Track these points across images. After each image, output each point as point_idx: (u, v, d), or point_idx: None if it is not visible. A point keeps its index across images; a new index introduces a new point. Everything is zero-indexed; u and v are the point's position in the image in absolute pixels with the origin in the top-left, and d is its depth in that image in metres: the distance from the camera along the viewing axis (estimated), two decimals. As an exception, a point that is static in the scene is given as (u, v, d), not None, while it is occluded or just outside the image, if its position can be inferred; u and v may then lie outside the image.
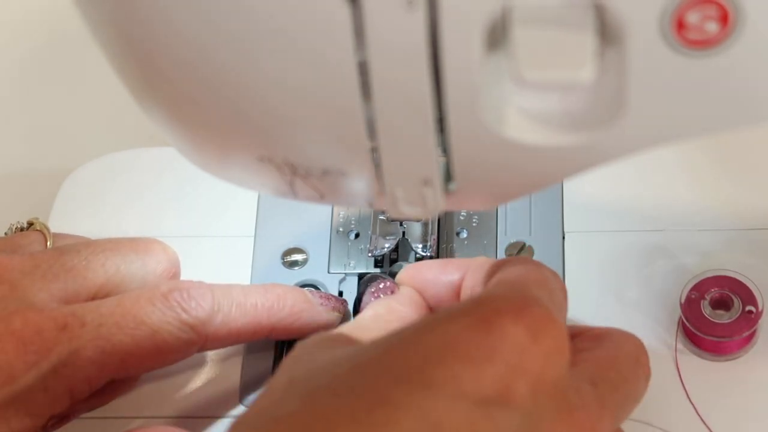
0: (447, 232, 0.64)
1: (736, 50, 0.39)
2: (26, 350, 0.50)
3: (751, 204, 0.63)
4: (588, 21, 0.39)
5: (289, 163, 0.46)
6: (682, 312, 0.58)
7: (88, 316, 0.52)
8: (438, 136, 0.43)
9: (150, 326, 0.52)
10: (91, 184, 0.69)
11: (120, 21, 0.42)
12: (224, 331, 0.55)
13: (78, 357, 0.51)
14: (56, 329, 0.50)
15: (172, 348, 0.53)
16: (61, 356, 0.50)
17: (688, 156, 0.65)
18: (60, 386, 0.51)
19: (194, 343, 0.54)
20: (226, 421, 0.60)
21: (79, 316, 0.51)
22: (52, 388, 0.50)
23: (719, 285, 0.58)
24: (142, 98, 0.47)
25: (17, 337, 0.50)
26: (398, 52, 0.40)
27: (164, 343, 0.53)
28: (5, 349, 0.49)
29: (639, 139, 0.43)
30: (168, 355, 0.54)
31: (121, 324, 0.52)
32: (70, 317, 0.51)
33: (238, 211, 0.66)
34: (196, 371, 0.61)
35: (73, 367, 0.51)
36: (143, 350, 0.52)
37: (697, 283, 0.59)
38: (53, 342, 0.50)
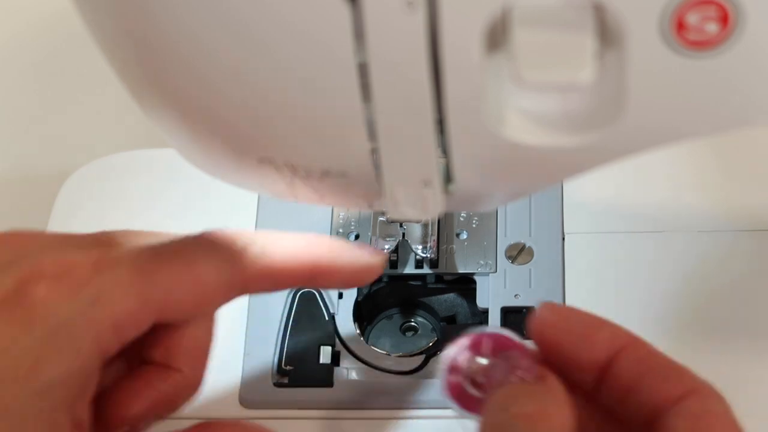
0: (447, 234, 0.64)
1: (736, 51, 0.39)
2: (60, 286, 0.46)
3: (752, 205, 0.63)
4: (588, 22, 0.39)
5: (289, 164, 0.46)
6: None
7: (122, 248, 0.49)
8: (438, 137, 0.43)
9: (185, 257, 0.49)
10: (91, 186, 0.69)
11: (121, 22, 0.42)
12: (262, 266, 0.50)
13: (117, 285, 0.47)
14: (90, 265, 0.47)
15: (211, 284, 0.49)
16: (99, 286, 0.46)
17: (689, 157, 0.65)
18: (104, 318, 0.46)
19: (233, 283, 0.50)
20: (226, 422, 0.60)
21: (113, 249, 0.48)
22: (96, 321, 0.46)
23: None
24: (142, 99, 0.47)
25: (49, 276, 0.45)
26: (398, 53, 0.40)
27: (201, 279, 0.49)
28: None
29: (639, 140, 0.43)
30: (208, 295, 0.49)
31: (157, 252, 0.49)
32: (104, 253, 0.47)
33: (238, 212, 0.66)
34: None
35: (111, 297, 0.46)
36: (182, 284, 0.48)
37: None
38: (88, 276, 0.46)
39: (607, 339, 0.45)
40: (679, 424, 0.43)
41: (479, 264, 0.63)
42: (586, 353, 0.45)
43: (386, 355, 0.61)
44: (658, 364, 0.45)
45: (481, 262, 0.63)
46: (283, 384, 0.61)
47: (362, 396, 0.60)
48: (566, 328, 0.45)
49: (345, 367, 0.61)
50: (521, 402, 0.43)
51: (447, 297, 0.64)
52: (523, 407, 0.43)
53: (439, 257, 0.63)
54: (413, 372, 0.60)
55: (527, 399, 0.44)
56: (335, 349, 0.61)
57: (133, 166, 0.69)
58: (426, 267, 0.63)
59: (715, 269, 0.61)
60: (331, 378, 0.60)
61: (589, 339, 0.45)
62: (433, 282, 0.64)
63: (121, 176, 0.69)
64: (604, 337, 0.45)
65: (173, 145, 0.49)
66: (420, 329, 0.64)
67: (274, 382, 0.61)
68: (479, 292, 0.62)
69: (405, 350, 0.62)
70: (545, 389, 0.44)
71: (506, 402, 0.43)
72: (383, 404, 0.60)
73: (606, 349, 0.45)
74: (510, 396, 0.44)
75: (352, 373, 0.61)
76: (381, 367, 0.61)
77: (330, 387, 0.60)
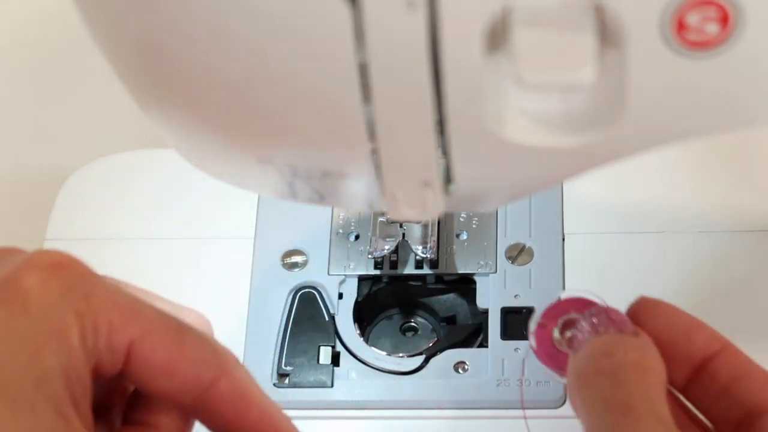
0: (447, 234, 0.64)
1: (737, 51, 0.39)
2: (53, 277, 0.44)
3: (752, 205, 0.63)
4: (588, 22, 0.39)
5: (289, 164, 0.46)
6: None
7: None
8: (438, 137, 0.43)
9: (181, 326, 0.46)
10: (90, 187, 0.68)
11: (122, 24, 0.42)
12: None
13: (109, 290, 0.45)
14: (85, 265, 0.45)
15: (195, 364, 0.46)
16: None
17: (689, 157, 0.65)
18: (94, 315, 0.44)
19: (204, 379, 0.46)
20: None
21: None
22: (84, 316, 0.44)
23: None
24: (142, 99, 0.47)
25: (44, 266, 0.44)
26: (398, 53, 0.40)
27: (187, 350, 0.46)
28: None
29: (639, 141, 0.43)
30: (185, 370, 0.46)
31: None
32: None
33: (238, 212, 0.66)
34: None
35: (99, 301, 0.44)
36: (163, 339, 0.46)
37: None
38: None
39: (706, 340, 0.47)
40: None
41: (479, 264, 0.63)
42: (685, 351, 0.46)
43: (386, 355, 0.61)
44: (756, 370, 0.46)
45: (481, 263, 0.63)
46: (283, 384, 0.61)
47: (362, 397, 0.60)
48: (667, 323, 0.47)
49: (345, 367, 0.61)
50: (627, 349, 0.44)
51: (447, 297, 0.64)
52: (629, 355, 0.44)
53: (439, 258, 0.63)
54: (413, 372, 0.60)
55: (632, 347, 0.45)
56: (335, 350, 0.61)
57: (133, 166, 0.69)
58: (426, 267, 0.63)
59: (715, 269, 0.61)
60: (331, 378, 0.60)
61: (688, 337, 0.46)
62: (433, 282, 0.64)
63: (121, 176, 0.69)
64: (704, 337, 0.47)
65: (173, 145, 0.49)
66: (420, 330, 0.64)
67: (274, 383, 0.61)
68: (479, 292, 0.62)
69: (405, 351, 0.62)
70: (646, 342, 0.45)
71: (610, 348, 0.45)
72: (383, 405, 0.60)
73: (704, 349, 0.46)
74: (612, 343, 0.45)
75: (352, 374, 0.61)
76: (381, 368, 0.61)
77: (330, 387, 0.60)
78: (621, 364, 0.44)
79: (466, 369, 0.60)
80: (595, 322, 0.46)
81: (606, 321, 0.46)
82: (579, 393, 0.45)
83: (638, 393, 0.44)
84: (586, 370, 0.45)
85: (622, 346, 0.45)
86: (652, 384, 0.44)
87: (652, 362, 0.45)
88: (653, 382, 0.44)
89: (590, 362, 0.45)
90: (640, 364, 0.44)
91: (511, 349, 0.60)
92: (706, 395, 0.47)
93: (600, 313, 0.46)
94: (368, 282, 0.64)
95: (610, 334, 0.46)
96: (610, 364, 0.44)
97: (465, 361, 0.60)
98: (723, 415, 0.47)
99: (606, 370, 0.44)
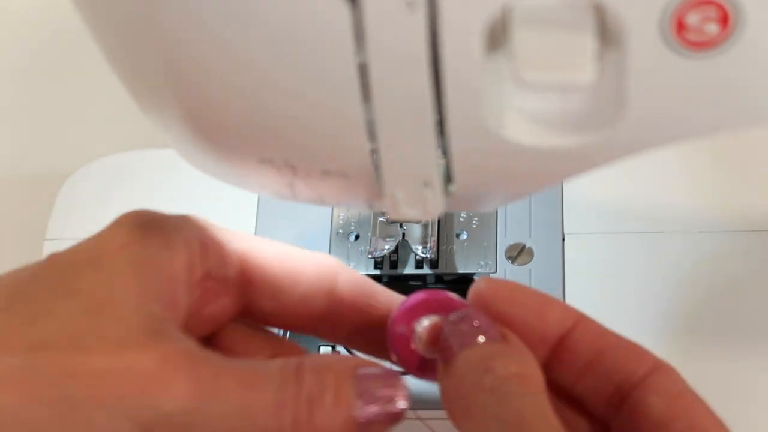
0: (447, 234, 0.64)
1: (737, 51, 0.39)
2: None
3: (752, 206, 0.63)
4: (588, 22, 0.39)
5: (289, 164, 0.46)
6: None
7: None
8: (438, 137, 0.43)
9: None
10: (90, 187, 0.69)
11: (122, 24, 0.42)
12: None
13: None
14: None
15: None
16: None
17: (689, 157, 0.65)
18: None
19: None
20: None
21: None
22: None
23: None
24: (142, 100, 0.47)
25: None
26: (398, 53, 0.40)
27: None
28: None
29: (639, 141, 0.43)
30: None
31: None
32: None
33: (238, 212, 0.66)
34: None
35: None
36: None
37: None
38: None
39: (559, 316, 0.45)
40: (656, 401, 0.43)
41: (479, 264, 0.63)
42: (539, 330, 0.45)
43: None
44: (616, 341, 0.45)
45: (481, 263, 0.63)
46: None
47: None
48: (515, 304, 0.45)
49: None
50: (505, 362, 0.43)
51: (447, 297, 0.64)
52: (509, 368, 0.42)
53: (439, 257, 0.63)
54: (413, 372, 0.60)
55: (509, 360, 0.43)
56: (335, 350, 0.61)
57: (133, 166, 0.69)
58: (426, 267, 0.63)
59: (714, 269, 0.61)
60: (331, 378, 0.60)
61: (540, 316, 0.45)
62: (433, 282, 0.64)
63: (121, 176, 0.69)
64: (556, 314, 0.45)
65: (173, 145, 0.49)
66: (420, 330, 0.64)
67: (274, 383, 0.61)
68: (479, 292, 0.62)
69: (405, 351, 0.62)
70: (519, 348, 0.44)
71: (487, 364, 0.43)
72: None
73: (558, 326, 0.45)
74: (488, 357, 0.43)
75: (352, 374, 0.61)
76: (381, 368, 0.61)
77: (330, 387, 0.60)
78: (503, 378, 0.42)
79: (466, 369, 0.60)
80: (463, 330, 0.43)
81: (473, 329, 0.43)
82: (464, 413, 0.43)
83: (527, 404, 0.42)
84: (468, 389, 0.43)
85: (500, 359, 0.42)
86: (536, 392, 0.42)
87: (531, 369, 0.43)
88: (536, 389, 0.42)
89: (469, 380, 0.43)
90: (521, 375, 0.42)
91: (511, 349, 0.60)
92: (569, 372, 0.45)
93: (464, 319, 0.44)
94: (368, 282, 0.64)
95: (481, 345, 0.43)
96: (491, 381, 0.42)
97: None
98: (591, 392, 0.45)
99: (488, 387, 0.42)
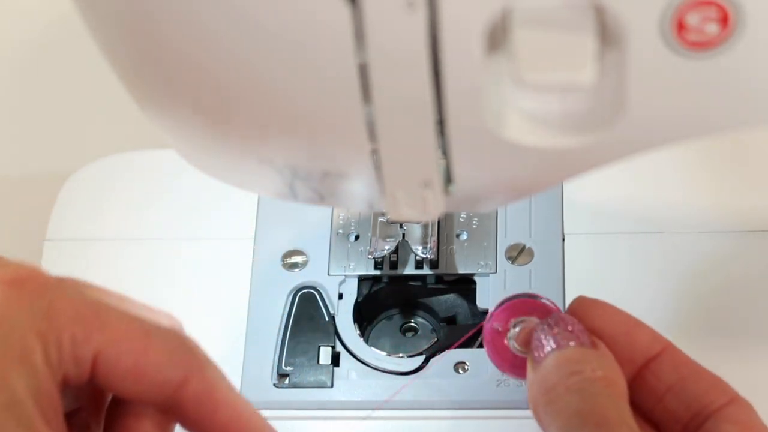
0: (447, 234, 0.64)
1: (737, 52, 0.39)
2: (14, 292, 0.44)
3: (752, 206, 0.63)
4: (588, 23, 0.39)
5: (289, 165, 0.46)
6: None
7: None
8: (438, 138, 0.43)
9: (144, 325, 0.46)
10: (90, 187, 0.68)
11: (123, 24, 0.42)
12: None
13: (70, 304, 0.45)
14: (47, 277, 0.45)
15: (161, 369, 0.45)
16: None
17: (689, 158, 0.65)
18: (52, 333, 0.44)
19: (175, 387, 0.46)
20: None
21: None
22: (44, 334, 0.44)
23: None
24: (142, 101, 0.47)
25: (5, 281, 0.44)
26: (398, 53, 0.40)
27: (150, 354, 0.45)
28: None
29: (639, 141, 0.43)
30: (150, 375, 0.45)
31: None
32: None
33: (238, 213, 0.66)
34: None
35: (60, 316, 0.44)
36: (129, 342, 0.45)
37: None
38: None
39: (647, 340, 0.48)
40: (730, 429, 0.46)
41: (479, 264, 0.63)
42: (627, 351, 0.47)
43: (386, 355, 0.61)
44: (700, 371, 0.47)
45: (481, 263, 0.63)
46: (283, 385, 0.61)
47: (362, 397, 0.60)
48: (607, 323, 0.48)
49: (345, 368, 0.61)
50: (594, 366, 0.46)
51: (447, 298, 0.64)
52: (597, 372, 0.45)
53: (439, 258, 0.63)
54: (413, 373, 0.60)
55: (598, 365, 0.46)
56: (335, 350, 0.61)
57: (133, 167, 0.69)
58: (426, 268, 0.63)
59: (715, 270, 0.61)
60: (331, 379, 0.60)
61: (630, 337, 0.48)
62: (433, 283, 0.64)
63: (121, 177, 0.69)
64: (645, 338, 0.48)
65: (173, 146, 0.49)
66: (420, 330, 0.64)
67: (273, 383, 0.61)
68: (479, 292, 0.62)
69: (405, 351, 0.62)
70: (608, 356, 0.47)
71: (576, 366, 0.46)
72: (383, 405, 0.60)
73: (646, 349, 0.48)
74: (578, 360, 0.46)
75: (352, 374, 0.61)
76: (381, 368, 0.61)
77: (330, 388, 0.60)
78: (590, 380, 0.45)
79: (466, 369, 0.60)
80: (556, 333, 0.47)
81: (566, 333, 0.46)
82: (547, 408, 0.46)
83: (610, 405, 0.45)
84: (555, 387, 0.46)
85: (588, 363, 0.46)
86: (620, 396, 0.45)
87: (616, 376, 0.46)
88: (620, 394, 0.46)
89: (558, 379, 0.46)
90: (607, 379, 0.45)
91: (511, 350, 0.60)
92: (650, 396, 0.48)
93: (559, 323, 0.47)
94: (368, 282, 0.64)
95: (573, 349, 0.47)
96: (579, 382, 0.45)
97: (465, 361, 0.60)
98: (669, 416, 0.47)
99: (575, 387, 0.45)
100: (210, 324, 0.62)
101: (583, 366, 0.46)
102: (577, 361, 0.46)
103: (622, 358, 0.47)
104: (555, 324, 0.47)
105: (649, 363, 0.48)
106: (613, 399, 0.45)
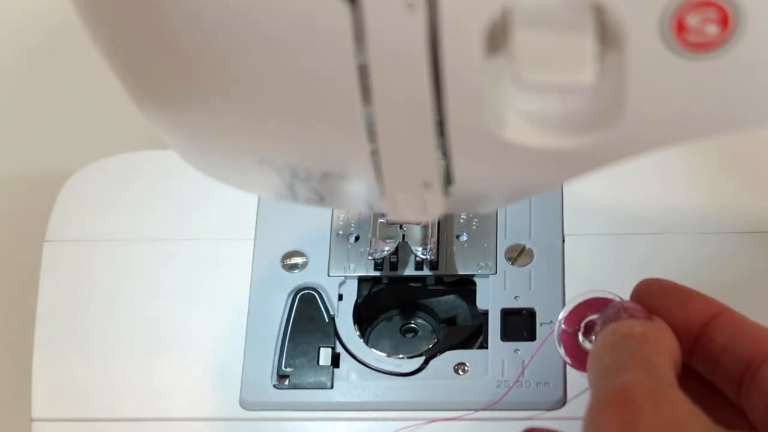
0: (447, 235, 0.64)
1: (737, 53, 0.39)
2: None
3: (753, 206, 0.63)
4: (588, 23, 0.39)
5: (289, 165, 0.46)
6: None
7: None
8: (438, 138, 0.43)
9: None
10: (90, 187, 0.68)
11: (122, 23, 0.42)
12: None
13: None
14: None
15: None
16: None
17: (689, 158, 0.65)
18: None
19: None
20: (226, 423, 0.60)
21: None
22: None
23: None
24: (141, 100, 0.47)
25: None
26: (398, 54, 0.40)
27: None
28: None
29: (639, 142, 0.43)
30: None
31: None
32: None
33: (238, 214, 0.66)
34: (196, 372, 0.61)
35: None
36: None
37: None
38: None
39: (701, 306, 0.48)
40: None
41: (479, 266, 0.63)
42: (682, 321, 0.48)
43: (386, 356, 0.61)
44: (750, 327, 0.48)
45: (481, 264, 0.63)
46: (283, 386, 0.61)
47: (362, 398, 0.60)
48: (661, 296, 0.49)
49: (345, 369, 0.61)
50: (633, 325, 0.47)
51: (447, 299, 0.64)
52: (634, 329, 0.46)
53: (439, 259, 0.63)
54: (413, 374, 0.60)
55: (639, 324, 0.47)
56: (335, 351, 0.61)
57: (133, 167, 0.69)
58: (426, 269, 0.63)
59: (715, 271, 0.61)
60: (331, 380, 0.60)
61: (683, 305, 0.48)
62: (433, 284, 0.64)
63: (121, 177, 0.69)
64: (699, 304, 0.48)
65: (173, 147, 0.49)
66: (420, 331, 0.64)
67: (273, 384, 0.61)
68: (479, 293, 0.62)
69: (405, 352, 0.62)
70: (656, 322, 0.47)
71: (618, 327, 0.47)
72: (383, 406, 0.60)
73: (700, 315, 0.48)
74: (621, 324, 0.47)
75: (352, 375, 0.61)
76: (381, 369, 0.61)
77: (330, 389, 0.60)
78: (624, 336, 0.46)
79: (466, 370, 0.60)
80: (611, 313, 0.48)
81: (620, 310, 0.48)
82: (588, 371, 0.47)
83: (635, 356, 0.45)
84: (594, 349, 0.47)
85: (630, 324, 0.47)
86: (655, 352, 0.46)
87: (658, 334, 0.47)
88: (656, 350, 0.46)
89: (598, 341, 0.47)
90: (643, 335, 0.46)
91: (511, 351, 0.60)
92: (707, 359, 0.48)
93: (615, 306, 0.48)
94: (368, 283, 0.64)
95: (626, 320, 0.48)
96: (613, 338, 0.46)
97: (465, 362, 0.60)
98: (725, 376, 0.48)
99: (609, 344, 0.46)
100: (210, 325, 0.62)
101: (623, 326, 0.47)
102: (622, 324, 0.47)
103: (679, 330, 0.48)
104: (614, 309, 0.48)
105: (705, 328, 0.48)
106: (644, 352, 0.45)
